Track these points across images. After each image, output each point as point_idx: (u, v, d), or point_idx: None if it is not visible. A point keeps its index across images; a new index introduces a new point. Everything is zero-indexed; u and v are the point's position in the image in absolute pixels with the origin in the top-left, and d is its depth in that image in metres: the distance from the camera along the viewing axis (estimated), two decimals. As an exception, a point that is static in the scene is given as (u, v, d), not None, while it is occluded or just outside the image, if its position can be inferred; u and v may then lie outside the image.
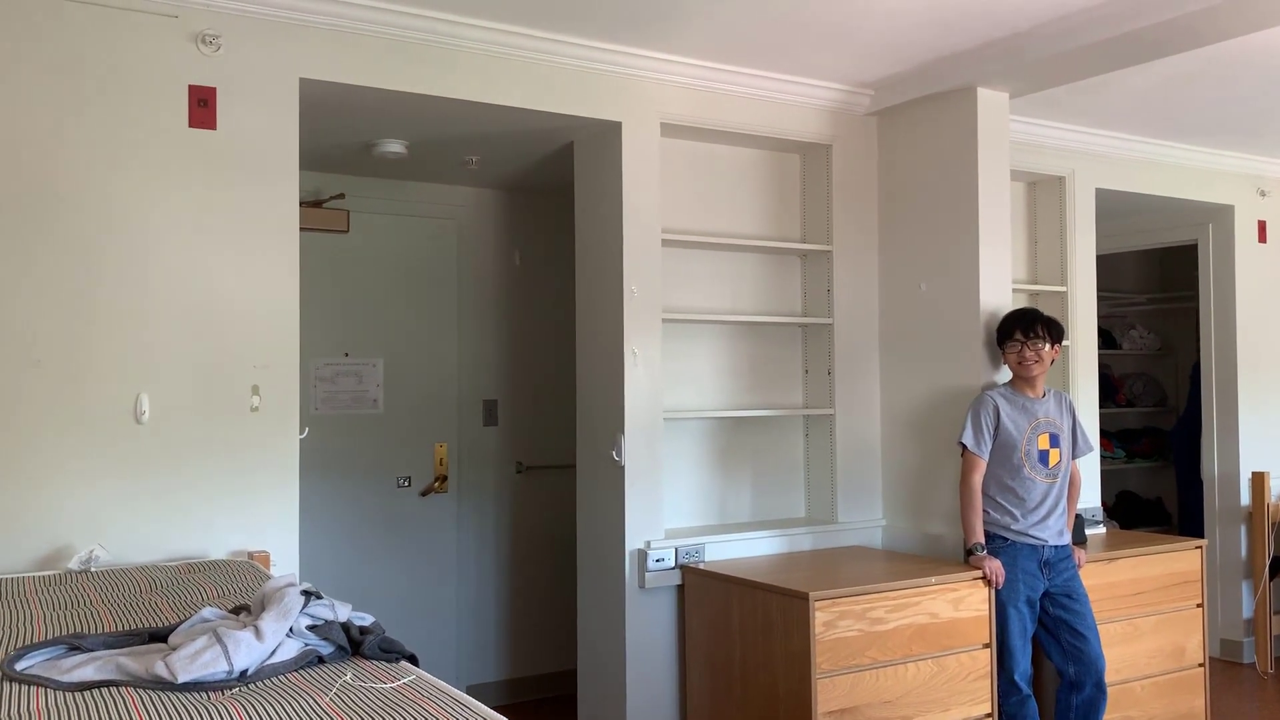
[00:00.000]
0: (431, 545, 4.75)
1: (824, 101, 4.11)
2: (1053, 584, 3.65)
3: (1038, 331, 3.67)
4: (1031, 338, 3.67)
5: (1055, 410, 3.75)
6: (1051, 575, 3.65)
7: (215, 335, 3.00)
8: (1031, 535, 3.64)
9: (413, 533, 4.71)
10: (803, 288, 4.31)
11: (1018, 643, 3.59)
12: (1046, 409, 3.72)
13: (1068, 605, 3.65)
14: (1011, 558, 3.62)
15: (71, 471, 2.81)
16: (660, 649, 3.79)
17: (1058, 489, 3.70)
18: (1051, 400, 3.76)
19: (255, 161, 3.07)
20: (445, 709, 1.50)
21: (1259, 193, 5.51)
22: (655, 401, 3.76)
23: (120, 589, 2.45)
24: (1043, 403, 3.73)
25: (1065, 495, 3.73)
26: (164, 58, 2.96)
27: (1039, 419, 3.70)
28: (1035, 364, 3.67)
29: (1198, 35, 3.29)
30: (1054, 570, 3.65)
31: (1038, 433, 3.68)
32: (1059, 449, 3.71)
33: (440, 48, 3.35)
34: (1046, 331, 3.68)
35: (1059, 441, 3.72)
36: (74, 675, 1.64)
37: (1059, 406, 3.77)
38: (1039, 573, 3.63)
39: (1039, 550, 3.64)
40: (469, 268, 4.87)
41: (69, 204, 2.83)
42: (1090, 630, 3.64)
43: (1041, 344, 3.67)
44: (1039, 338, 3.67)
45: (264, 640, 1.70)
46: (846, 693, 3.28)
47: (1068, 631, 3.63)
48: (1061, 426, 3.73)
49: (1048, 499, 3.67)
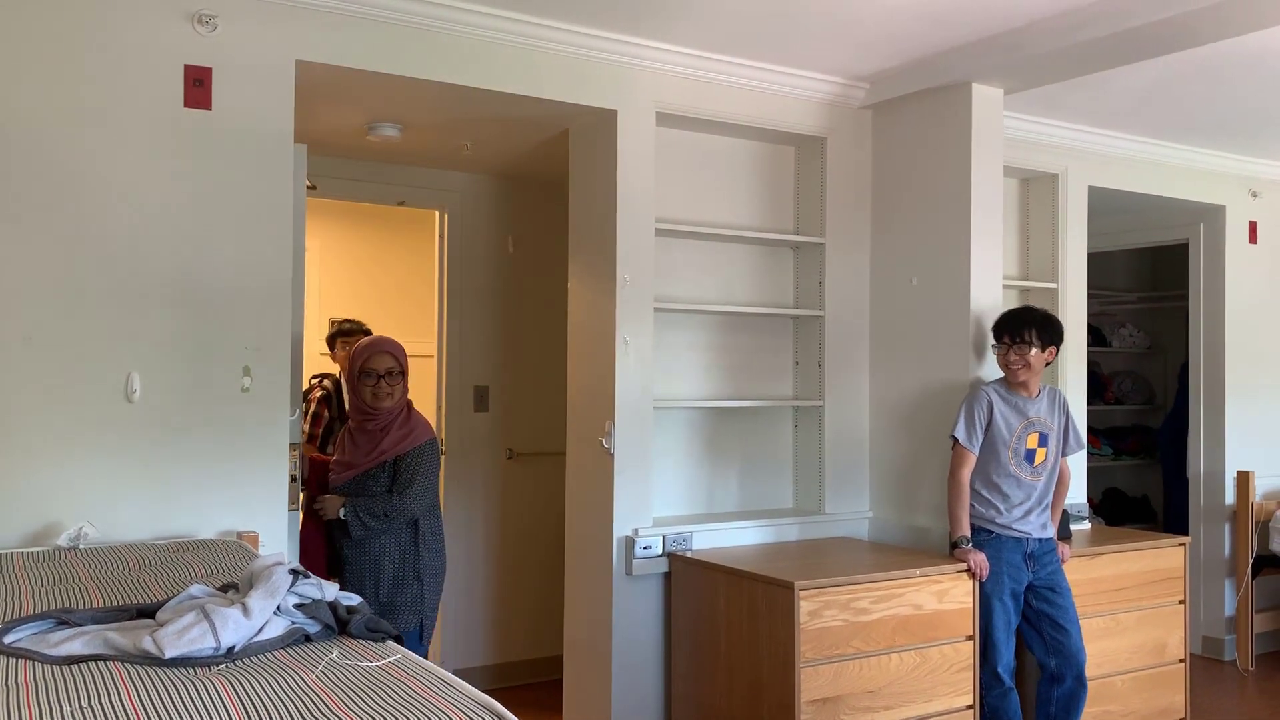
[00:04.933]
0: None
1: (819, 94, 4.12)
2: (1036, 577, 3.67)
3: (1024, 336, 3.62)
4: (1017, 342, 3.63)
5: (1048, 410, 3.73)
6: (1035, 568, 3.67)
7: (207, 315, 3.00)
8: (1015, 529, 3.65)
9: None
10: (795, 279, 4.32)
11: (1001, 635, 3.61)
12: (1039, 409, 3.71)
13: (1050, 599, 3.67)
14: (996, 550, 3.63)
15: (61, 449, 2.82)
16: (646, 636, 3.81)
17: (1043, 486, 3.72)
18: (1045, 399, 3.74)
19: (250, 142, 3.07)
20: (429, 687, 1.51)
21: (1250, 194, 5.54)
22: (646, 390, 3.77)
23: (109, 566, 2.46)
24: (1035, 402, 3.71)
25: (1051, 491, 3.75)
26: (160, 37, 2.95)
27: (1030, 419, 3.69)
28: (1021, 369, 3.63)
29: (1193, 35, 3.31)
30: (1038, 563, 3.67)
31: (1027, 432, 3.67)
32: (1046, 448, 3.71)
33: (437, 32, 3.35)
34: (1036, 335, 3.62)
35: (1048, 441, 3.71)
36: (62, 649, 1.65)
37: (1052, 405, 3.75)
38: (1023, 565, 3.65)
39: (1023, 543, 3.65)
40: (462, 253, 4.88)
41: (63, 182, 2.83)
42: (1072, 624, 3.67)
43: (1028, 348, 3.62)
44: (1025, 342, 3.62)
45: (251, 618, 1.71)
46: (830, 682, 3.31)
47: (1050, 625, 3.66)
48: (1052, 426, 3.72)
49: (1032, 495, 3.69)
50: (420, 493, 3.36)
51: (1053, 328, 3.69)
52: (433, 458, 3.43)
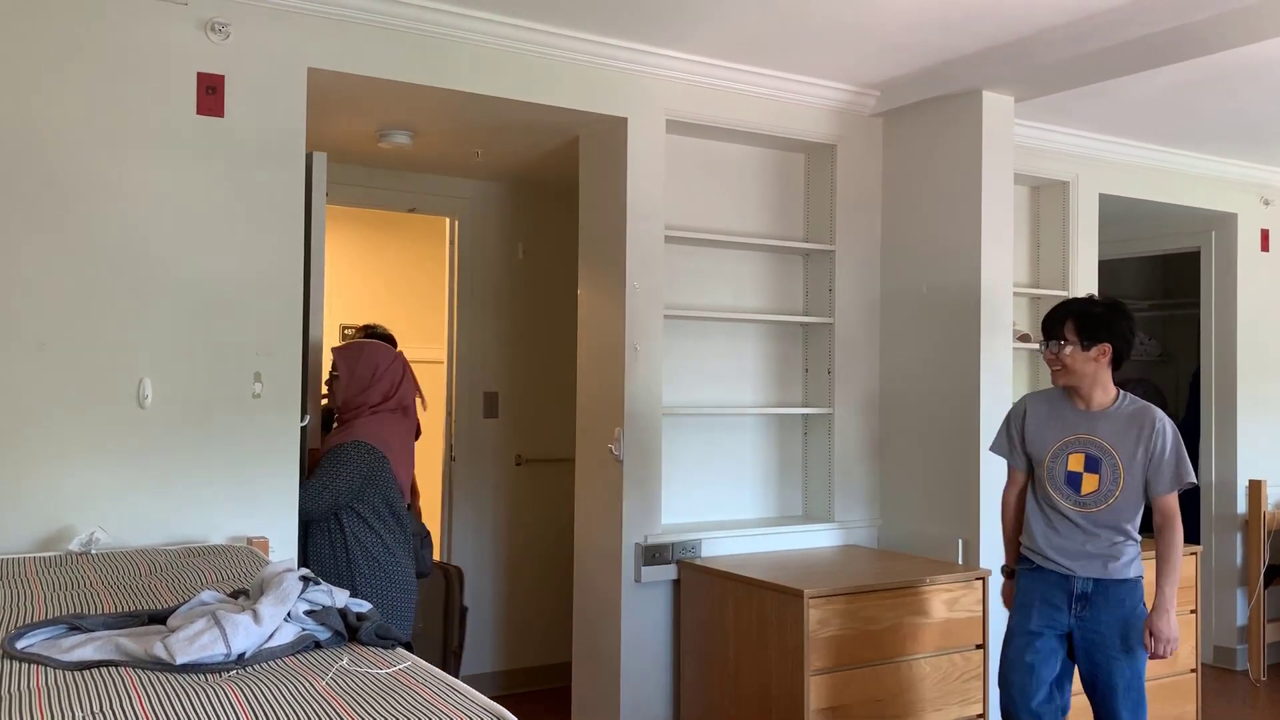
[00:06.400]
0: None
1: (829, 101, 4.12)
2: (1083, 626, 3.01)
3: (1058, 331, 3.05)
4: (1051, 339, 3.07)
5: (1119, 430, 3.01)
6: (1083, 614, 3.01)
7: (219, 321, 3.02)
8: (1059, 563, 3.04)
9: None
10: (805, 287, 4.32)
11: (1014, 675, 3.07)
12: (1096, 424, 3.03)
13: (1090, 663, 2.99)
14: (1031, 583, 3.11)
15: (74, 454, 2.83)
16: (655, 643, 3.81)
17: (1094, 525, 3.01)
18: (1118, 417, 3.02)
19: (262, 149, 3.08)
20: (439, 694, 1.52)
21: (1263, 201, 5.52)
22: (655, 397, 3.78)
23: (120, 571, 2.46)
24: (1095, 417, 3.04)
25: (1116, 530, 3.02)
26: (173, 44, 2.97)
27: (1078, 434, 3.05)
28: (1058, 372, 3.06)
29: (1204, 43, 3.30)
30: (1092, 608, 3.00)
31: (1069, 450, 3.05)
32: (1099, 475, 3.00)
33: (448, 40, 3.36)
34: (1075, 330, 3.01)
35: (1100, 467, 3.00)
36: (73, 655, 1.66)
37: (1130, 426, 3.00)
38: (1064, 606, 3.03)
39: (1069, 581, 3.02)
40: (472, 260, 4.89)
41: (76, 189, 2.85)
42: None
43: (1062, 346, 3.03)
44: (1057, 339, 3.04)
45: (262, 624, 1.71)
46: (839, 690, 3.30)
47: (1092, 701, 3.05)
48: (1118, 450, 2.99)
49: (1079, 530, 3.02)
50: (314, 492, 3.12)
51: (1100, 321, 3.00)
52: (347, 461, 3.15)
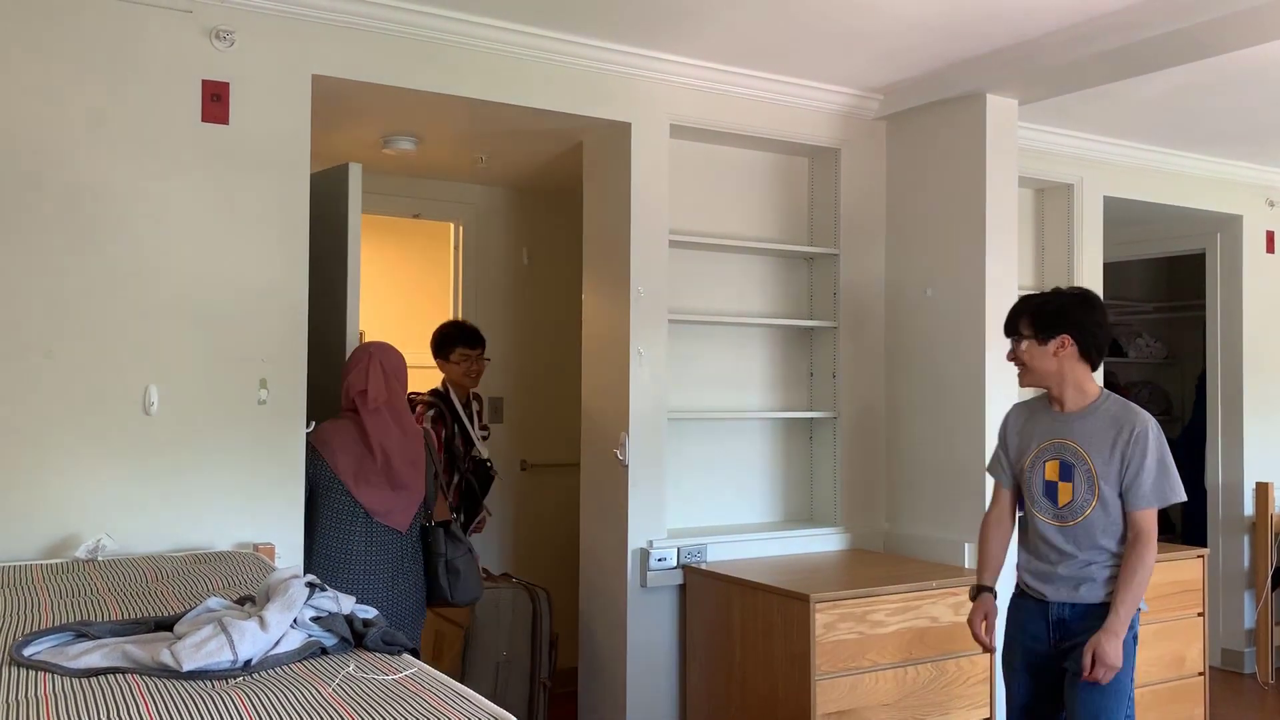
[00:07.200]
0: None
1: (833, 105, 4.12)
2: (1061, 655, 2.76)
3: (1012, 328, 2.82)
4: (1009, 337, 2.85)
5: (1094, 432, 2.72)
6: (1061, 641, 2.76)
7: (224, 329, 3.02)
8: (1032, 586, 2.82)
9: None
10: (809, 291, 4.32)
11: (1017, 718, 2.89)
12: (1071, 427, 2.75)
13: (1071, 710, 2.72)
14: (1015, 610, 2.89)
15: (80, 461, 2.84)
16: (661, 648, 3.80)
17: (1073, 540, 2.72)
18: (1096, 419, 2.73)
19: (267, 157, 3.09)
20: (446, 701, 1.52)
21: (1268, 203, 5.51)
22: (660, 402, 3.78)
23: (126, 578, 2.47)
24: (1069, 419, 2.77)
25: (1097, 550, 2.71)
26: (178, 52, 2.98)
27: (1053, 439, 2.77)
28: (1021, 372, 2.82)
29: (1207, 46, 3.30)
30: (1069, 634, 2.74)
31: (1044, 458, 2.78)
32: (1073, 484, 2.72)
33: (452, 46, 3.37)
34: (1029, 324, 2.77)
35: (1073, 474, 2.72)
36: (81, 661, 1.66)
37: (1108, 430, 2.70)
38: (1043, 635, 2.78)
39: (1046, 607, 2.78)
40: (476, 265, 4.89)
41: (81, 197, 2.85)
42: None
43: (1018, 342, 2.79)
44: (1014, 335, 2.82)
45: (268, 630, 1.72)
46: (845, 695, 3.30)
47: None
48: (1091, 455, 2.70)
49: (1053, 549, 2.76)
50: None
51: (1056, 312, 2.75)
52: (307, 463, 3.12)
